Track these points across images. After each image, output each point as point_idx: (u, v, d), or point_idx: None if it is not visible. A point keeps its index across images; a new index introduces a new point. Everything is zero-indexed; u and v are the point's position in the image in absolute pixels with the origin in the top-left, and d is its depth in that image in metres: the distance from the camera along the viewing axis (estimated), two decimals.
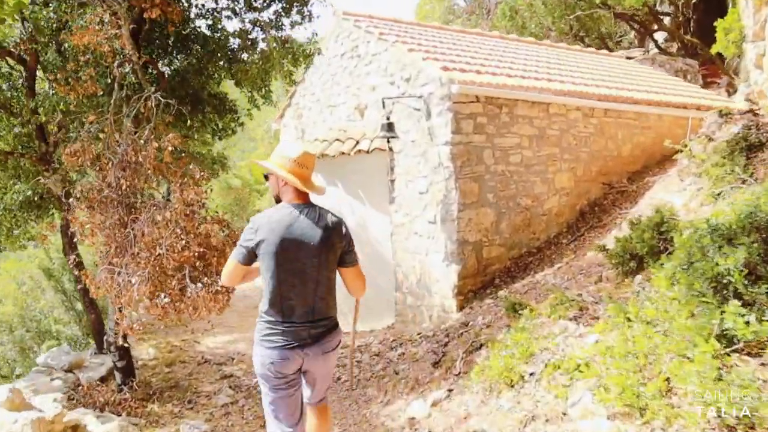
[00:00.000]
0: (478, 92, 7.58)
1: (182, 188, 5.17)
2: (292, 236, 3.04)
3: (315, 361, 3.17)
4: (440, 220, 7.84)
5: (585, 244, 8.05)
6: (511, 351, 4.53)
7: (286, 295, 3.06)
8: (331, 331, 3.19)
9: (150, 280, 4.93)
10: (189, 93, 6.64)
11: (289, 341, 3.06)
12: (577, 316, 4.81)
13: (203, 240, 5.13)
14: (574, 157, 8.91)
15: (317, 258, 3.08)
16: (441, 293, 7.97)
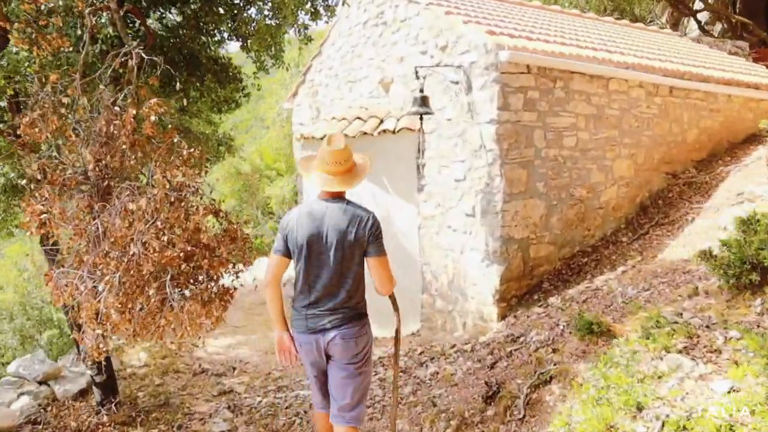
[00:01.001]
0: (531, 61, 6.33)
1: (165, 168, 3.98)
2: (318, 230, 3.23)
3: (336, 346, 3.28)
4: (480, 212, 6.62)
5: (652, 244, 6.81)
6: (605, 395, 3.32)
7: (312, 284, 3.27)
8: (352, 320, 3.29)
9: (121, 288, 3.75)
10: (184, 55, 5.45)
11: (311, 327, 3.28)
12: (687, 347, 3.59)
13: (191, 235, 3.95)
14: (634, 142, 7.64)
15: (341, 251, 3.22)
16: (478, 298, 6.77)
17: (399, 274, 7.97)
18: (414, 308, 7.86)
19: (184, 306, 3.69)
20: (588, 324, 4.24)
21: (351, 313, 3.29)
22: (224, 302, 4.47)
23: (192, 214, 3.92)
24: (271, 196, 21.39)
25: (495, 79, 6.27)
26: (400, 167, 7.72)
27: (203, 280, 4.09)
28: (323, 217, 3.25)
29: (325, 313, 3.25)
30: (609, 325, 4.20)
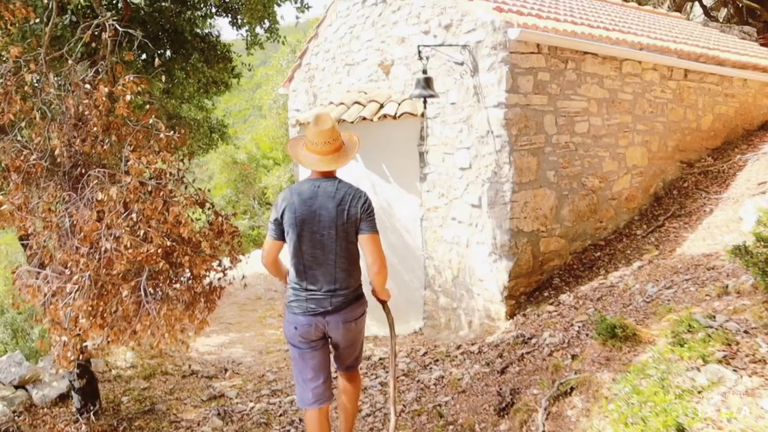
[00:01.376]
0: (542, 39, 5.89)
1: (141, 154, 3.54)
2: (311, 209, 3.17)
3: (336, 329, 3.28)
4: (487, 203, 6.20)
5: (669, 237, 6.39)
6: (639, 413, 2.91)
7: (308, 265, 3.21)
8: (352, 302, 3.29)
9: (92, 289, 3.33)
10: (167, 30, 5.00)
11: (311, 308, 3.23)
12: (727, 355, 3.18)
13: (171, 229, 3.52)
14: (648, 129, 7.22)
15: (335, 230, 3.17)
16: (485, 295, 6.36)
17: (400, 269, 7.58)
18: (416, 305, 7.45)
19: (161, 310, 3.25)
20: (611, 327, 3.82)
21: (352, 295, 3.30)
22: (210, 303, 4.05)
23: (172, 205, 3.47)
24: (267, 186, 20.94)
25: (503, 59, 5.83)
26: (402, 155, 7.29)
27: (185, 279, 3.66)
28: (315, 196, 3.20)
29: (325, 295, 3.23)
30: (634, 329, 3.78)
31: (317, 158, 3.26)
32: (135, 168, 3.41)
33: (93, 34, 3.92)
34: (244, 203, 22.90)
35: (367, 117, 7.12)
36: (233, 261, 4.16)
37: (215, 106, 10.76)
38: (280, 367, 6.86)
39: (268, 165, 22.26)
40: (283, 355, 7.38)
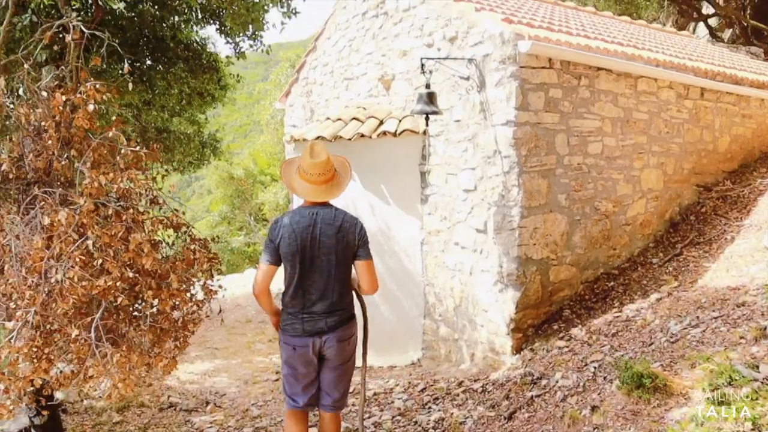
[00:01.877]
0: (554, 54, 5.47)
1: (101, 171, 3.08)
2: (312, 235, 3.26)
3: (332, 348, 3.36)
4: (493, 228, 5.74)
5: (688, 267, 5.94)
6: None
7: (306, 288, 3.31)
8: (345, 322, 3.40)
9: (39, 327, 2.86)
10: (147, 37, 4.56)
11: (308, 330, 3.31)
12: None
13: (134, 259, 3.05)
14: (664, 150, 6.79)
15: (334, 256, 3.29)
16: (490, 327, 5.88)
17: (398, 295, 7.10)
18: (415, 334, 6.97)
19: (114, 355, 2.77)
20: (637, 376, 3.35)
21: (345, 315, 3.40)
22: (182, 339, 3.58)
23: (134, 231, 3.01)
24: (264, 203, 20.48)
25: (512, 74, 5.41)
26: (402, 175, 6.84)
27: (149, 315, 3.18)
28: (315, 223, 3.29)
29: (321, 316, 3.32)
30: (665, 379, 3.31)
31: (311, 188, 3.35)
32: (91, 187, 2.95)
33: (57, 37, 3.48)
34: (240, 219, 22.45)
35: (366, 134, 6.69)
36: (207, 294, 3.67)
37: (208, 120, 10.34)
38: (266, 400, 6.35)
39: (265, 181, 21.83)
40: (270, 386, 6.88)
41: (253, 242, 22.51)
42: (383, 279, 6.92)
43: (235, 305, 11.35)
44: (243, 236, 22.02)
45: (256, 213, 21.80)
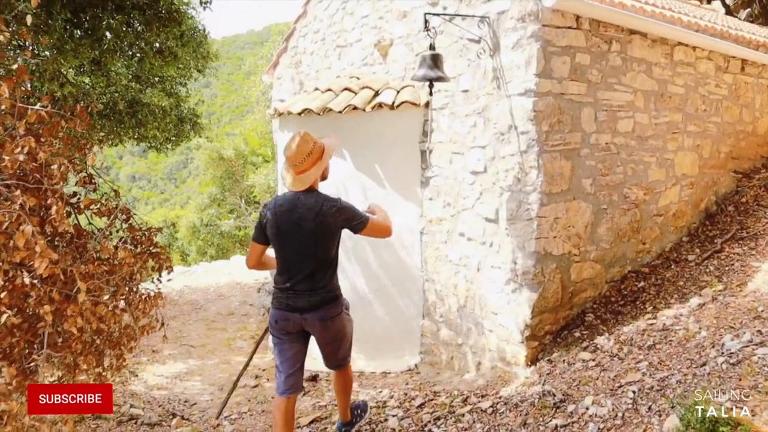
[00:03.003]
0: (585, 10, 4.58)
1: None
2: (291, 221, 3.47)
3: (314, 326, 3.57)
4: (506, 217, 4.88)
5: (733, 266, 5.09)
6: None
7: (290, 268, 3.52)
8: (328, 302, 3.55)
9: None
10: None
11: (290, 305, 3.53)
12: None
13: (27, 259, 2.18)
14: (701, 130, 5.93)
15: (313, 238, 3.45)
16: (500, 333, 5.05)
17: (393, 292, 6.22)
18: (412, 336, 6.13)
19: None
20: (711, 423, 2.51)
21: (328, 295, 3.55)
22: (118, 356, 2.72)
23: (24, 222, 2.13)
24: (255, 185, 19.56)
25: (533, 33, 4.52)
26: (399, 153, 5.96)
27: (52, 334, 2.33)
28: (295, 208, 3.47)
29: (304, 294, 3.50)
30: (751, 426, 2.47)
31: (288, 177, 3.56)
32: None
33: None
34: (230, 202, 21.54)
35: (359, 106, 5.81)
36: (146, 303, 2.81)
37: (189, 94, 9.45)
38: (241, 412, 5.52)
39: (257, 162, 20.90)
40: (247, 394, 6.05)
41: (244, 226, 21.63)
42: (376, 274, 6.07)
43: (218, 295, 10.51)
44: (233, 219, 21.13)
45: (247, 195, 20.90)
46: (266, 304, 9.16)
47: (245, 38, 77.78)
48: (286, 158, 3.51)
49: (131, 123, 7.74)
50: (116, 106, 7.37)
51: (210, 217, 21.22)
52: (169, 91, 8.71)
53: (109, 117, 7.69)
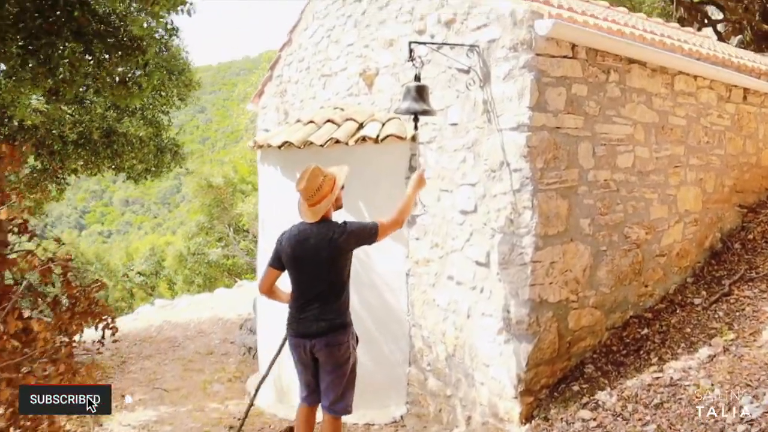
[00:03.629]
0: (582, 38, 4.26)
1: None
2: (305, 248, 3.73)
3: (321, 351, 3.75)
4: (498, 261, 4.50)
5: (744, 311, 4.72)
6: None
7: (302, 294, 3.78)
8: (336, 329, 3.75)
9: None
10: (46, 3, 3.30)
11: (300, 331, 3.78)
12: None
13: None
14: (703, 163, 5.60)
15: (325, 266, 3.72)
16: (492, 386, 4.63)
17: (377, 336, 5.79)
18: (397, 385, 5.71)
19: None
20: None
21: (338, 321, 3.77)
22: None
23: None
24: (243, 213, 19.17)
25: (527, 63, 4.18)
26: (385, 190, 5.59)
27: None
28: (309, 237, 3.74)
29: (312, 319, 3.72)
30: None
31: (303, 210, 3.81)
32: None
33: None
34: (219, 230, 21.12)
35: (342, 139, 5.46)
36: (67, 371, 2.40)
37: (171, 123, 9.11)
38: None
39: (246, 190, 20.52)
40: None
41: (232, 255, 21.19)
42: (359, 316, 5.65)
43: (198, 332, 10.05)
44: (221, 248, 20.68)
45: (236, 223, 20.49)
46: (247, 343, 8.73)
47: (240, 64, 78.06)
48: (299, 192, 3.77)
49: (107, 153, 7.39)
50: (91, 135, 7.01)
51: (197, 245, 20.80)
52: (149, 119, 8.37)
53: (84, 147, 7.35)
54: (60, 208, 61.81)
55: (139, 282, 24.20)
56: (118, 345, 9.16)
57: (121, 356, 8.59)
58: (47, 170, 7.48)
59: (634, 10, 14.95)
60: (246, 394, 6.89)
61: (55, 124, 6.43)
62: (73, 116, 6.84)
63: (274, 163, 6.34)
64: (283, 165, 6.16)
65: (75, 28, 3.62)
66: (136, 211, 68.88)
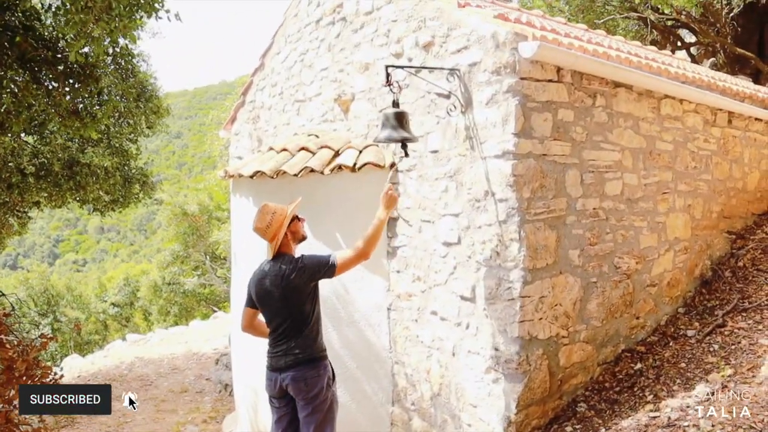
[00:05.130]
0: (568, 62, 4.06)
1: None
2: (263, 289, 3.82)
3: (290, 386, 3.75)
4: (484, 295, 4.25)
5: (740, 344, 4.52)
6: None
7: (273, 329, 3.84)
8: (303, 363, 3.74)
9: None
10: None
11: (272, 365, 3.83)
12: None
13: None
14: (691, 189, 5.43)
15: (282, 303, 3.75)
16: (480, 428, 4.35)
17: (358, 375, 5.47)
18: (380, 425, 5.39)
19: None
20: None
21: (302, 356, 3.74)
22: None
23: None
24: (219, 241, 18.74)
25: (510, 88, 3.98)
26: (362, 220, 5.29)
27: None
28: (266, 276, 3.80)
29: (281, 354, 3.77)
30: None
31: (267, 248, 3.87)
32: None
33: None
34: (195, 258, 20.64)
35: (316, 168, 5.20)
36: None
37: (140, 152, 8.77)
38: None
39: (222, 217, 20.11)
40: None
41: (209, 284, 20.70)
42: (339, 354, 5.36)
43: (172, 368, 9.62)
44: (197, 277, 20.18)
45: (213, 252, 20.03)
46: (224, 379, 8.34)
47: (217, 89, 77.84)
48: (254, 228, 3.79)
49: (69, 185, 7.04)
50: (51, 167, 6.67)
51: (173, 274, 20.27)
52: (116, 148, 8.04)
53: (45, 179, 7.00)
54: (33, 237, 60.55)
55: (114, 314, 23.52)
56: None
57: None
58: (6, 204, 7.13)
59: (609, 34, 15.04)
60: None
61: (12, 156, 6.11)
62: (32, 147, 6.51)
63: (246, 194, 6.05)
64: (255, 195, 5.88)
65: (18, 55, 3.31)
66: (112, 238, 67.81)
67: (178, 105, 68.05)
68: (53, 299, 19.85)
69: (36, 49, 3.45)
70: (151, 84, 7.71)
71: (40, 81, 3.73)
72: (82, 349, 19.25)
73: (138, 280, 24.19)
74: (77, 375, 9.31)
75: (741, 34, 16.04)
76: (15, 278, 21.35)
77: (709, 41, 16.09)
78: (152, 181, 8.92)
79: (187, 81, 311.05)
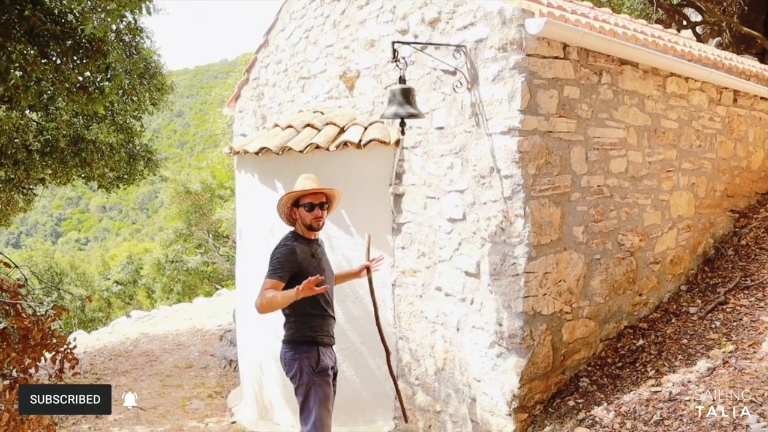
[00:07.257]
0: (574, 38, 4.06)
1: None
2: None
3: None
4: (489, 271, 4.29)
5: (741, 321, 4.56)
6: None
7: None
8: (283, 342, 3.89)
9: None
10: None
11: None
12: None
13: None
14: (695, 167, 5.44)
15: None
16: (484, 402, 4.42)
17: (362, 350, 5.54)
18: (384, 400, 5.47)
19: None
20: None
21: (285, 336, 3.88)
22: None
23: None
24: (222, 219, 18.79)
25: (517, 64, 3.98)
26: (368, 197, 5.36)
27: None
28: None
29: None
30: None
31: None
32: None
33: None
34: (198, 237, 20.71)
35: (322, 145, 5.21)
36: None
37: (143, 128, 8.78)
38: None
39: (225, 195, 20.14)
40: None
41: (212, 261, 20.79)
42: (343, 330, 5.42)
43: (177, 344, 9.72)
44: (200, 255, 20.28)
45: (215, 230, 20.10)
46: (228, 355, 8.43)
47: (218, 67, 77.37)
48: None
49: (75, 162, 7.07)
50: (57, 143, 6.70)
51: (176, 253, 20.37)
52: (120, 125, 8.05)
53: (51, 155, 7.03)
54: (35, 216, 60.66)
55: (117, 291, 23.67)
56: (93, 361, 8.82)
57: (95, 373, 8.24)
58: (12, 180, 7.16)
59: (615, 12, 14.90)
60: (227, 411, 6.61)
61: (18, 133, 6.13)
62: (38, 123, 6.53)
63: (252, 170, 6.08)
64: (260, 172, 5.90)
65: (26, 29, 3.31)
66: (114, 217, 67.91)
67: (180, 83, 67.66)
68: (57, 277, 19.99)
69: (44, 23, 3.45)
70: (155, 61, 7.70)
71: (48, 56, 3.74)
72: (86, 326, 19.41)
73: (141, 258, 24.30)
74: (83, 351, 9.40)
75: (747, 13, 15.91)
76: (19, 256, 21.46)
77: (715, 20, 15.97)
78: (157, 158, 8.97)
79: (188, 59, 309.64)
